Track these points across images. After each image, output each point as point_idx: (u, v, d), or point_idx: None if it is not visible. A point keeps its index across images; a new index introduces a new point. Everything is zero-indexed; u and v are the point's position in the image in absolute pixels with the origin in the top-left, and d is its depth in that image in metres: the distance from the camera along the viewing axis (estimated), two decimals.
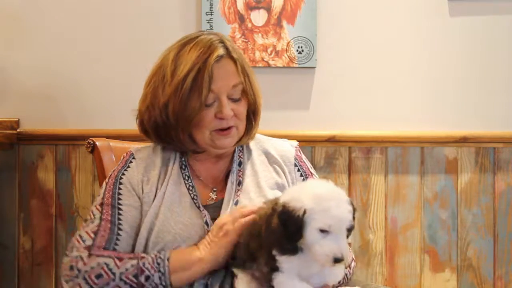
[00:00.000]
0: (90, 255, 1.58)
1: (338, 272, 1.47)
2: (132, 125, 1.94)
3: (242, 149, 1.79)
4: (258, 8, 2.55)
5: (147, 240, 1.63)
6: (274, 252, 1.41)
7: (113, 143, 2.05)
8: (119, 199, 1.68)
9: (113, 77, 2.55)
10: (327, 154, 2.55)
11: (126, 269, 1.56)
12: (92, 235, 1.62)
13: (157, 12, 2.56)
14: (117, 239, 1.63)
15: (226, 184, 1.72)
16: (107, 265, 1.56)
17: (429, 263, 2.56)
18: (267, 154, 1.79)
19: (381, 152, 2.56)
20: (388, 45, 2.59)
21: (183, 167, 1.73)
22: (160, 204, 1.65)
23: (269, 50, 2.55)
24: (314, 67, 2.56)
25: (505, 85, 2.59)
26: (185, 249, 1.60)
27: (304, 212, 1.36)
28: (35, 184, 2.54)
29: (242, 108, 1.71)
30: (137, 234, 1.65)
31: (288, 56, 2.55)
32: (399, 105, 2.58)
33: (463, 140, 2.55)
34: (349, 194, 2.54)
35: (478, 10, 2.58)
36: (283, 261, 1.41)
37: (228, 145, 1.71)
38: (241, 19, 2.55)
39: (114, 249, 1.62)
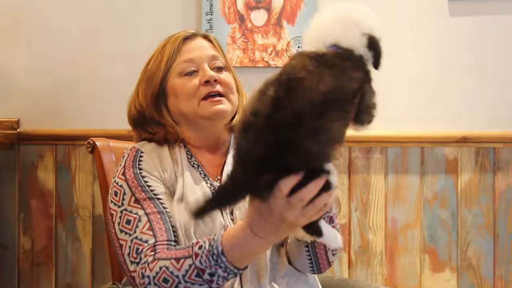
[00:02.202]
0: (154, 259, 1.52)
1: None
2: None
3: None
4: (258, 8, 2.55)
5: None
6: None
7: (113, 143, 2.06)
8: (151, 190, 1.63)
9: (113, 77, 2.55)
10: None
11: (186, 271, 1.48)
12: (151, 233, 1.56)
13: (157, 12, 2.56)
14: (173, 226, 1.59)
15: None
16: (167, 268, 1.50)
17: (429, 263, 2.56)
18: None
19: (381, 152, 2.55)
20: (388, 45, 2.57)
21: (189, 156, 1.72)
22: (182, 193, 1.63)
23: (269, 50, 2.55)
24: None
25: (505, 85, 2.59)
26: (237, 230, 1.45)
27: None
28: (35, 184, 2.54)
29: (229, 78, 1.73)
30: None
31: (288, 56, 2.55)
32: (399, 105, 2.58)
33: (463, 140, 2.55)
34: (349, 194, 2.54)
35: (478, 10, 2.58)
36: None
37: (221, 111, 1.69)
38: (241, 19, 2.55)
39: (175, 241, 1.58)
